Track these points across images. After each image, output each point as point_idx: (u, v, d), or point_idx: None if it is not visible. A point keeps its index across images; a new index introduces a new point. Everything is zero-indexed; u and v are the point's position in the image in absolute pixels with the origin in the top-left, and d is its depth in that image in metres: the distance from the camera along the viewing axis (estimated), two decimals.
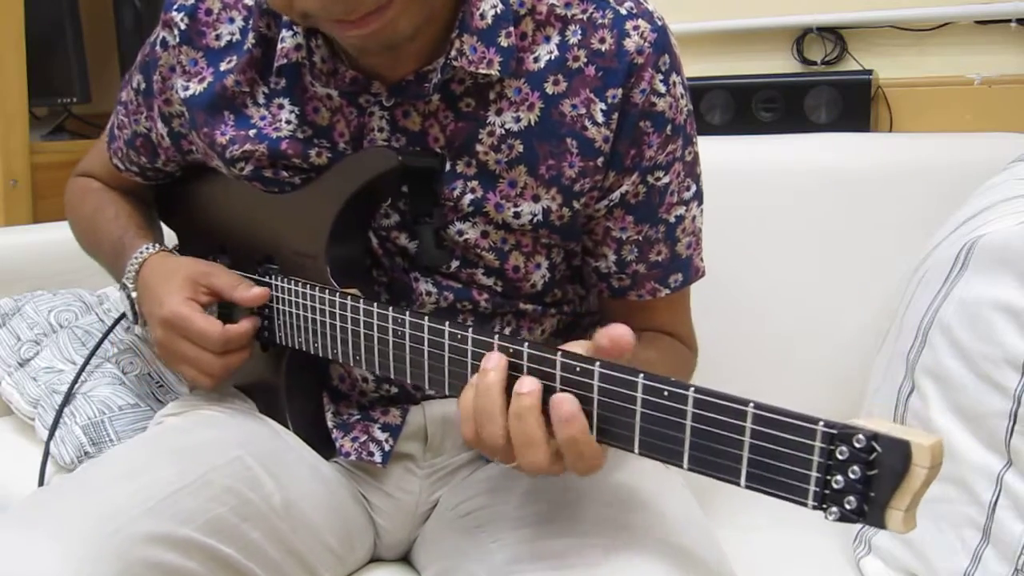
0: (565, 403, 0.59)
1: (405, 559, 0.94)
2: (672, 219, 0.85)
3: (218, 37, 0.88)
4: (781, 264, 1.29)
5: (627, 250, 0.84)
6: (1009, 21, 1.42)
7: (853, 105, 1.47)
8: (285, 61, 0.83)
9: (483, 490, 0.84)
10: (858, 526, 0.94)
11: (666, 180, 0.83)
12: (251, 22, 0.86)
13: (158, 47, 0.91)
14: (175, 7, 0.89)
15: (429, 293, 0.85)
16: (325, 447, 0.89)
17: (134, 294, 0.93)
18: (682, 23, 1.61)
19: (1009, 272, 0.82)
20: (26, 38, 1.78)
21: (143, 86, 0.95)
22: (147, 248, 0.94)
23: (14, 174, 1.79)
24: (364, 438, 0.87)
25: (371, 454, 0.86)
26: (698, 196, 0.87)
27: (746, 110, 1.53)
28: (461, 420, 0.64)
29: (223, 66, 0.87)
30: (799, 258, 1.28)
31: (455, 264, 0.84)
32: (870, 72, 1.49)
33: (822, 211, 1.27)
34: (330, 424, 0.89)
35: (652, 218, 0.84)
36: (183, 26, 0.88)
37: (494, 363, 0.62)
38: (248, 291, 0.87)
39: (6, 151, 1.77)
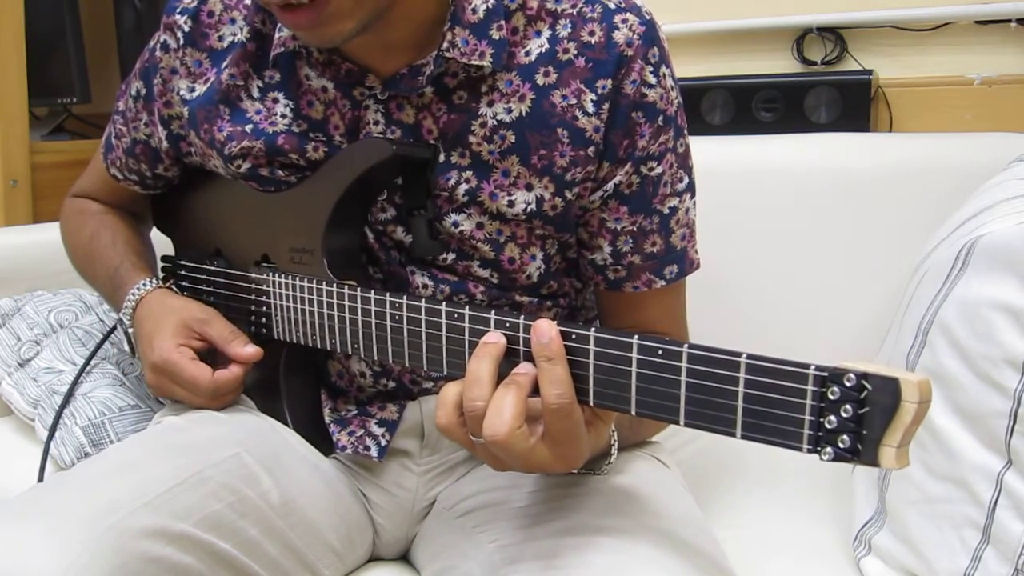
0: (543, 323, 0.62)
1: (404, 558, 0.94)
2: (666, 210, 0.85)
3: (221, 38, 0.89)
4: (781, 264, 1.29)
5: (622, 241, 0.85)
6: (1009, 21, 1.42)
7: (853, 105, 1.47)
8: (282, 49, 0.84)
9: (482, 490, 0.84)
10: (858, 526, 0.94)
11: (659, 170, 0.84)
12: (248, 19, 0.87)
13: (158, 51, 0.92)
14: (178, 10, 0.90)
15: (425, 286, 0.85)
16: (324, 444, 0.89)
17: (131, 330, 0.94)
18: (683, 23, 1.61)
19: (1009, 272, 0.82)
20: (26, 38, 1.78)
21: (143, 91, 0.96)
22: (145, 284, 0.95)
23: (14, 174, 1.79)
24: (360, 432, 0.88)
25: (367, 448, 0.87)
26: (691, 188, 0.88)
27: (746, 110, 1.53)
28: (438, 406, 0.65)
29: (224, 64, 0.88)
30: (799, 258, 1.28)
31: (451, 256, 0.85)
32: (870, 72, 1.49)
33: (822, 211, 1.27)
34: (328, 420, 0.90)
35: (646, 209, 0.84)
36: (187, 28, 0.89)
37: (495, 338, 0.65)
38: (242, 348, 0.88)
39: (6, 151, 1.77)
